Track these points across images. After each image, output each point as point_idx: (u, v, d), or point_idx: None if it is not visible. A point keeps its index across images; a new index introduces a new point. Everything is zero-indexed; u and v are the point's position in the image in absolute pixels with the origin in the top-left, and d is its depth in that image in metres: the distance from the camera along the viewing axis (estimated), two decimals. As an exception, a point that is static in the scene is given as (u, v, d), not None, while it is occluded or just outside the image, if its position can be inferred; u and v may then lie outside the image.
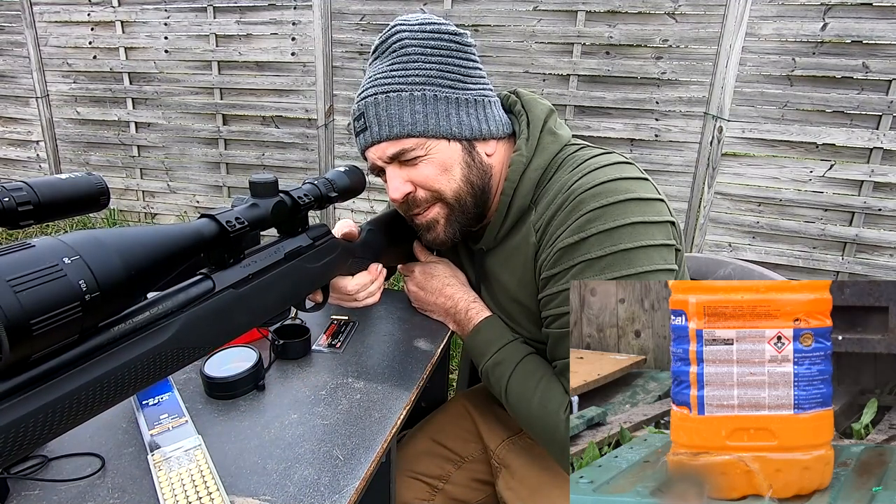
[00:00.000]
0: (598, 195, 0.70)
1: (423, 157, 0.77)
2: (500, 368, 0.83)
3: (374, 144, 0.78)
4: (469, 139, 0.78)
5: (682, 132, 2.67)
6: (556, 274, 0.73)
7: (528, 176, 0.79)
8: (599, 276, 0.68)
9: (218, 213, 0.53)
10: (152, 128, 3.46)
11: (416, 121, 0.75)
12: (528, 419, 0.79)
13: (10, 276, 0.32)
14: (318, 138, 3.13)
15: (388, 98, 0.75)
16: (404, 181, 0.79)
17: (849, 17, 2.37)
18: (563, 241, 0.71)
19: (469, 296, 0.92)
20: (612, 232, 0.68)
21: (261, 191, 0.60)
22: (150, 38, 3.29)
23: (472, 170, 0.79)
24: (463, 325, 0.90)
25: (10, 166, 3.82)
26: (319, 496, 0.60)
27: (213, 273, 0.53)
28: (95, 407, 0.39)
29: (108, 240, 0.39)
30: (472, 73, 0.79)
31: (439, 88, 0.76)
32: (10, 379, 0.35)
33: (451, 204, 0.80)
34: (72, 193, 0.45)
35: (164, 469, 0.63)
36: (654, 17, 2.58)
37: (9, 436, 0.34)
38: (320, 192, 0.70)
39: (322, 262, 0.71)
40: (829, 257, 2.63)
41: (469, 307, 0.90)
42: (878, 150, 2.46)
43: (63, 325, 0.34)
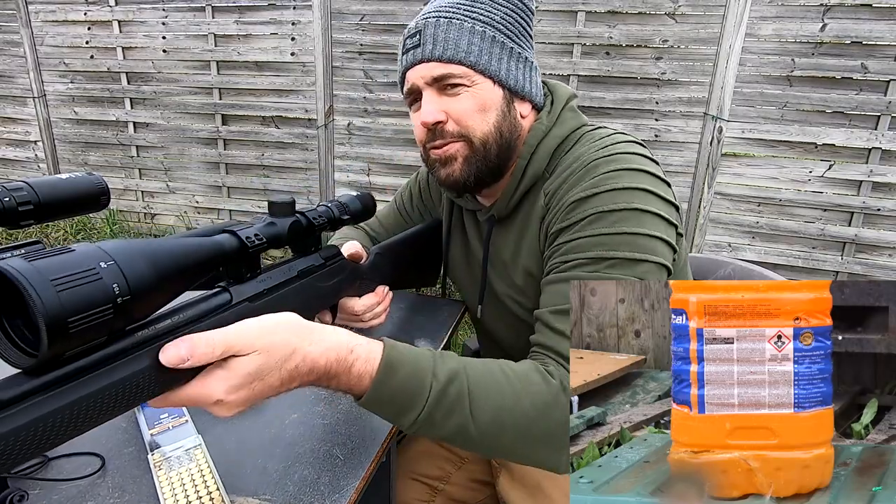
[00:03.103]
0: (613, 160, 0.71)
1: (467, 87, 0.77)
2: (456, 385, 0.59)
3: (424, 62, 0.77)
4: (512, 91, 0.80)
5: (682, 132, 2.67)
6: (568, 226, 0.72)
7: (546, 143, 0.80)
8: (609, 230, 0.67)
9: (239, 230, 0.55)
10: (151, 128, 3.46)
11: (471, 51, 0.76)
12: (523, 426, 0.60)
13: (54, 277, 0.34)
14: (318, 138, 3.13)
15: (451, 23, 0.76)
16: (440, 109, 0.78)
17: (848, 18, 2.37)
18: (576, 195, 0.71)
19: (335, 336, 0.55)
20: (625, 191, 0.69)
21: (279, 210, 0.63)
22: (147, 38, 3.28)
23: (505, 120, 0.79)
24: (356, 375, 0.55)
25: (9, 166, 3.82)
26: (319, 496, 0.60)
27: (231, 286, 0.54)
28: (118, 408, 0.41)
29: (140, 248, 0.41)
30: (529, 34, 0.82)
31: (499, 33, 0.77)
32: (41, 376, 0.37)
33: (475, 146, 0.79)
34: (72, 193, 0.46)
35: (164, 468, 0.63)
36: (653, 17, 2.58)
37: (37, 430, 0.36)
38: (333, 214, 0.73)
39: (332, 282, 0.73)
40: (828, 257, 2.63)
41: (351, 345, 0.55)
42: (877, 151, 2.47)
43: (96, 325, 0.36)
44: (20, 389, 0.35)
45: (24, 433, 0.35)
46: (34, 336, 0.35)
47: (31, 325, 0.36)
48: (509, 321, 0.88)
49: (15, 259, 0.34)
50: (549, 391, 0.61)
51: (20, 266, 0.33)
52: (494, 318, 0.93)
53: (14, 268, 0.33)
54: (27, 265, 0.34)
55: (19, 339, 0.37)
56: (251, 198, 3.39)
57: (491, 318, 0.94)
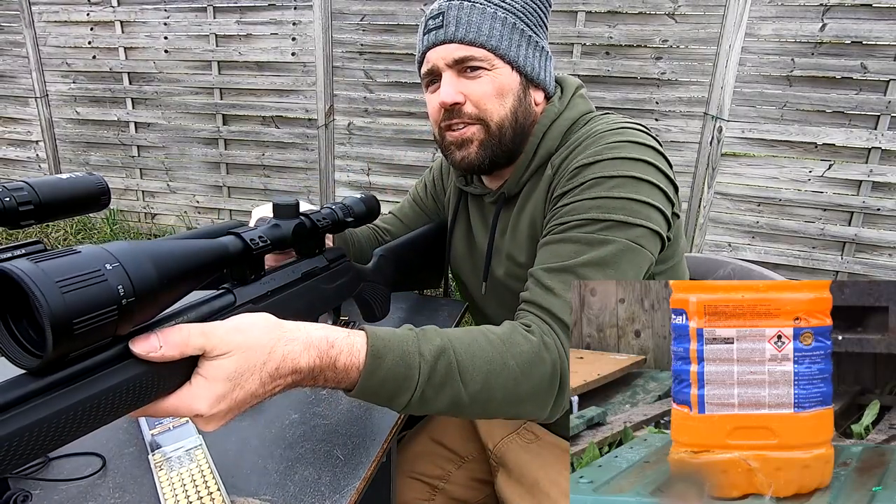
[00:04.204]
0: (620, 133, 0.74)
1: (487, 71, 0.79)
2: (444, 360, 0.58)
3: (445, 43, 0.79)
4: (528, 77, 0.82)
5: (682, 132, 2.67)
6: (569, 190, 0.74)
7: (559, 124, 0.83)
8: (607, 193, 0.70)
9: (243, 232, 0.55)
10: (152, 128, 3.46)
11: (492, 35, 0.77)
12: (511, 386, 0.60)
13: (59, 278, 0.34)
14: (318, 138, 3.13)
15: (474, 6, 0.78)
16: (458, 91, 0.80)
17: (847, 18, 2.37)
18: (580, 161, 0.74)
19: (312, 332, 0.53)
20: (626, 161, 0.71)
21: (283, 212, 0.63)
22: (149, 38, 3.28)
23: (521, 106, 0.82)
24: (342, 369, 0.54)
25: (10, 166, 3.82)
26: (320, 496, 0.60)
27: (235, 288, 0.55)
28: (122, 408, 0.41)
29: (145, 250, 0.41)
30: (545, 26, 0.85)
31: (519, 21, 0.79)
32: (46, 377, 0.37)
33: (492, 130, 0.81)
34: (73, 193, 0.46)
35: (164, 469, 0.63)
36: (653, 17, 2.58)
37: (42, 430, 0.36)
38: (338, 216, 0.73)
39: (336, 284, 0.73)
40: (828, 257, 2.63)
41: (331, 339, 0.53)
42: (877, 150, 2.46)
43: (100, 326, 0.36)
44: (25, 390, 0.36)
45: (28, 434, 0.35)
46: (39, 337, 0.36)
47: (36, 326, 0.36)
48: (511, 305, 0.87)
49: (21, 260, 0.34)
50: (532, 348, 0.62)
51: (26, 267, 0.34)
52: (496, 304, 0.94)
53: (20, 269, 0.33)
54: (33, 266, 0.34)
55: (25, 339, 0.37)
56: (252, 198, 3.39)
57: (493, 306, 0.95)
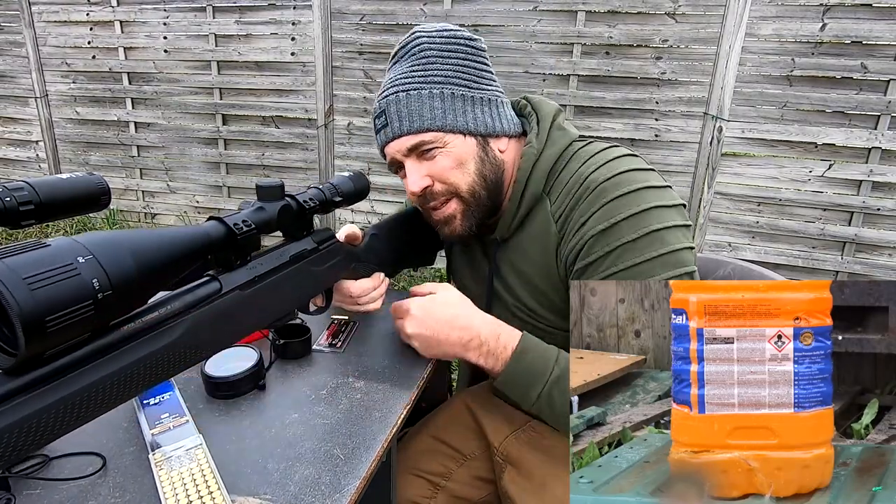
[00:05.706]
0: (617, 184, 0.75)
1: (440, 149, 0.81)
2: (563, 383, 0.76)
3: (395, 139, 0.82)
4: (483, 135, 0.83)
5: (682, 132, 2.67)
6: (594, 261, 0.75)
7: (540, 166, 0.83)
8: (638, 258, 0.72)
9: (226, 216, 0.54)
10: (152, 128, 3.46)
11: (434, 116, 0.79)
12: None
13: (27, 274, 0.33)
14: (318, 138, 3.13)
15: (409, 95, 0.80)
16: (423, 175, 0.82)
17: (847, 18, 2.37)
18: (592, 228, 0.75)
19: (488, 318, 0.81)
20: (640, 215, 0.73)
21: (267, 195, 0.62)
22: (149, 38, 3.28)
23: (485, 164, 0.83)
24: (496, 354, 0.79)
25: (10, 166, 3.82)
26: (321, 495, 0.60)
27: (220, 275, 0.53)
28: (104, 404, 0.40)
29: (121, 240, 0.39)
30: (486, 75, 0.85)
31: (456, 87, 0.81)
32: (22, 375, 0.36)
33: (466, 198, 0.83)
34: (73, 193, 0.45)
35: (165, 468, 0.63)
36: (653, 17, 2.58)
37: (21, 431, 0.34)
38: (325, 196, 0.72)
39: (326, 266, 0.72)
40: (828, 257, 2.63)
41: (498, 331, 0.79)
42: (877, 150, 2.47)
43: (76, 322, 0.35)
44: (2, 390, 0.34)
45: (5, 436, 0.34)
46: (13, 335, 0.34)
47: (9, 324, 0.34)
48: (516, 324, 0.89)
49: None
50: None
51: None
52: (502, 320, 0.94)
53: None
54: None
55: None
56: (251, 197, 3.38)
57: None
